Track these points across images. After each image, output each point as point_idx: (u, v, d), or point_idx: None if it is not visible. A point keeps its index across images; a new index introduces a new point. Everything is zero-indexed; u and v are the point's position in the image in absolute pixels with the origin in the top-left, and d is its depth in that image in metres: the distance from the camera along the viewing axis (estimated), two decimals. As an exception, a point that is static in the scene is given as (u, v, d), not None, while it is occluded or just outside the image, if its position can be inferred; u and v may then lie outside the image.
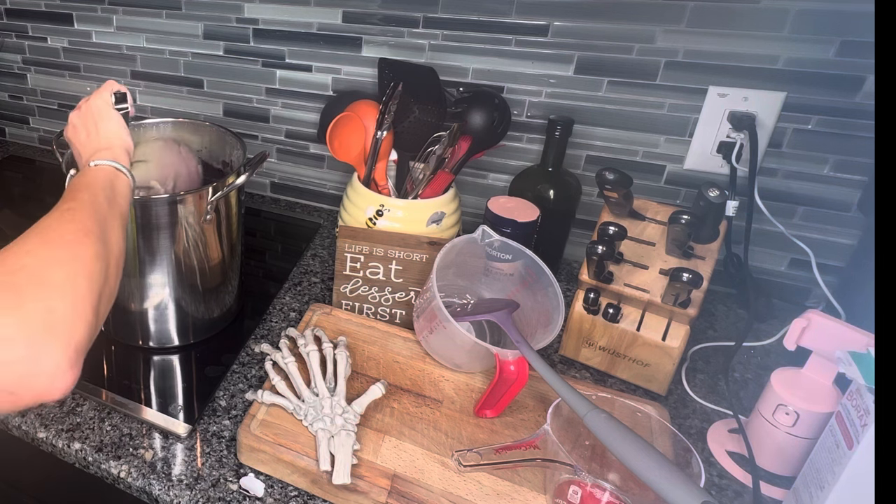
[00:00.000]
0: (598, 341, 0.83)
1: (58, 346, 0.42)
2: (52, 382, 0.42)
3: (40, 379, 0.42)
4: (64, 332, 0.43)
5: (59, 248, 0.48)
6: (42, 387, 0.42)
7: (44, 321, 0.42)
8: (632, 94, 0.96)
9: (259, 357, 0.88)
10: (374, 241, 0.88)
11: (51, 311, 0.43)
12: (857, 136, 0.86)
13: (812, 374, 0.68)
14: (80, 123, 0.73)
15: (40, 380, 0.42)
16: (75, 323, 0.44)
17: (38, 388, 0.42)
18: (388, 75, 0.96)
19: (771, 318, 0.93)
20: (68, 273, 0.46)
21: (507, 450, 0.66)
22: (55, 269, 0.46)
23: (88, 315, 0.45)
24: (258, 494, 0.68)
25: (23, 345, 0.41)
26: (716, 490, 0.70)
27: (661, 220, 0.79)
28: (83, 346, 0.45)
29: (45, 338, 0.42)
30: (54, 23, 1.37)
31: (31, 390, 0.42)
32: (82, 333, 0.44)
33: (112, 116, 0.73)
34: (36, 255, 0.47)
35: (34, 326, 0.42)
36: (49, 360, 0.42)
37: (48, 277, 0.45)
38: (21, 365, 0.41)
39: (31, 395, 0.42)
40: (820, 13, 0.82)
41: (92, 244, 0.50)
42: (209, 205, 0.80)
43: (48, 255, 0.47)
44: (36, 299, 0.43)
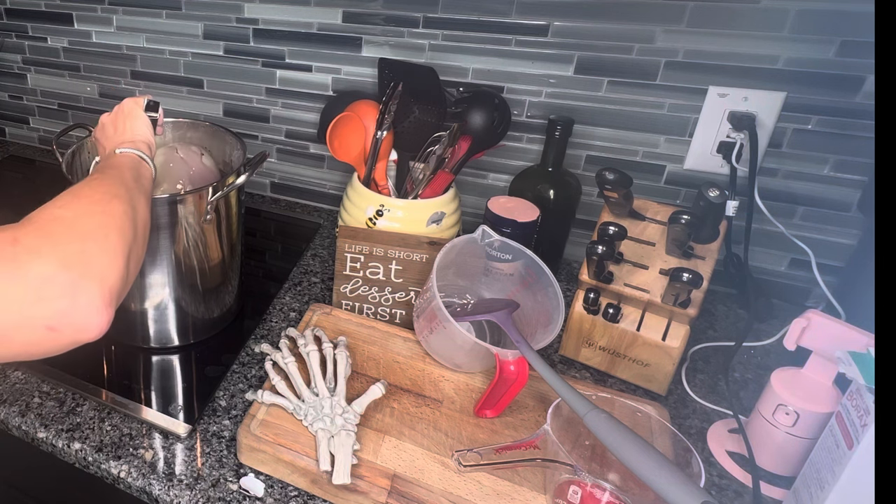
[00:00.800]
0: (598, 341, 0.83)
1: (93, 284, 0.45)
2: (89, 319, 0.45)
3: (78, 315, 0.45)
4: (98, 273, 0.46)
5: (91, 204, 0.52)
6: (80, 323, 0.45)
7: (80, 262, 0.46)
8: (632, 94, 0.96)
9: (259, 357, 0.88)
10: (374, 241, 0.88)
11: (85, 253, 0.46)
12: (857, 136, 0.86)
13: (812, 374, 0.68)
14: (109, 122, 0.78)
15: (78, 316, 0.45)
16: (108, 267, 0.47)
17: (77, 324, 0.45)
18: (388, 75, 0.96)
19: (771, 318, 0.93)
20: (100, 223, 0.50)
21: (507, 450, 0.66)
22: (88, 220, 0.50)
23: (119, 264, 0.49)
24: (258, 494, 0.68)
25: (61, 282, 0.44)
26: (716, 490, 0.70)
27: (661, 220, 0.79)
28: (116, 290, 0.48)
29: (82, 276, 0.45)
30: (54, 23, 1.37)
31: (70, 326, 0.45)
32: (115, 278, 0.48)
33: (140, 116, 0.76)
34: (69, 208, 0.51)
35: (71, 266, 0.45)
36: (85, 298, 0.45)
37: (82, 226, 0.49)
38: (61, 301, 0.44)
39: (71, 332, 0.45)
40: (820, 13, 0.82)
41: (120, 204, 0.54)
42: (209, 205, 0.80)
43: (81, 209, 0.51)
44: (71, 243, 0.46)
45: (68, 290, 0.45)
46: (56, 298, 0.44)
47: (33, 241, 0.46)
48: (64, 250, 0.46)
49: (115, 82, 1.38)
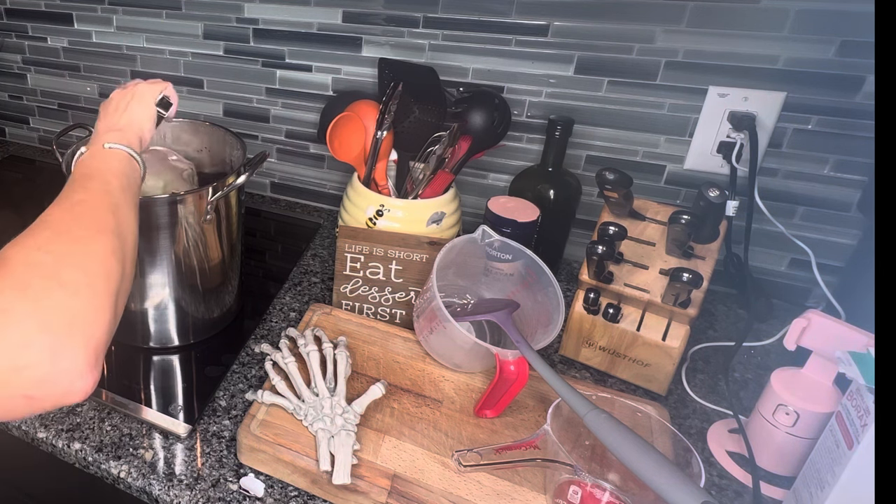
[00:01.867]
0: (598, 341, 0.83)
1: (77, 346, 0.41)
2: (72, 385, 0.41)
3: (60, 382, 0.40)
4: (82, 333, 0.41)
5: (74, 244, 0.46)
6: (62, 390, 0.41)
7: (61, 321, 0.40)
8: (632, 94, 0.96)
9: (259, 357, 0.88)
10: (374, 241, 0.88)
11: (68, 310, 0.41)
12: (857, 136, 0.86)
13: (812, 374, 0.68)
14: (116, 97, 0.72)
15: (60, 383, 0.40)
16: (94, 323, 0.42)
17: (58, 392, 0.41)
18: (388, 75, 0.96)
19: (771, 318, 0.93)
20: (85, 272, 0.44)
21: (507, 450, 0.66)
22: (71, 268, 0.44)
23: (107, 314, 0.43)
24: (258, 494, 0.68)
25: (39, 347, 0.39)
26: (716, 490, 0.70)
27: (661, 220, 0.79)
28: (102, 346, 0.43)
29: (63, 340, 0.40)
30: (54, 23, 1.37)
31: (50, 394, 0.40)
32: (101, 333, 0.43)
33: (147, 105, 0.71)
34: (49, 251, 0.44)
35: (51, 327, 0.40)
36: (68, 362, 0.40)
37: (64, 277, 0.43)
38: (39, 368, 0.39)
39: (52, 399, 0.41)
40: (820, 13, 0.82)
41: (108, 241, 0.48)
42: (209, 205, 0.80)
43: (62, 252, 0.45)
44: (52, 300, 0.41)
45: (48, 356, 0.39)
46: (34, 366, 0.39)
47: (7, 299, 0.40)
48: (43, 308, 0.40)
49: (115, 82, 1.38)
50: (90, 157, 0.60)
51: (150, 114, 0.71)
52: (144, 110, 0.70)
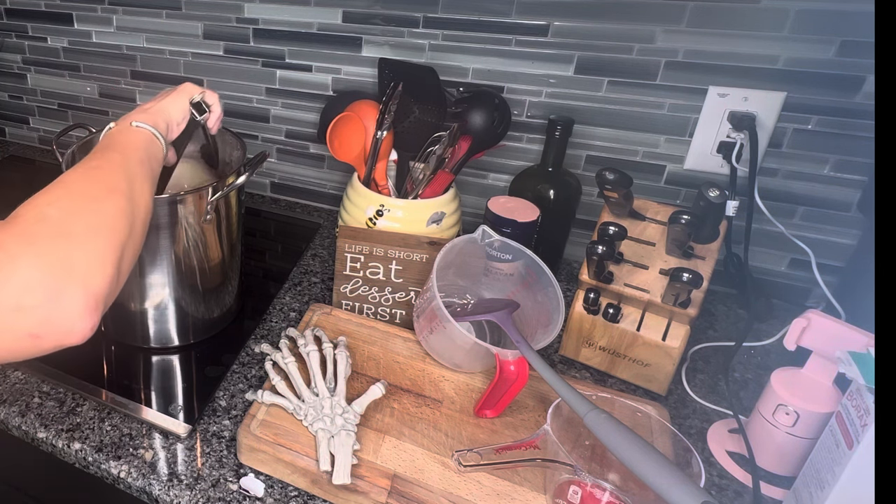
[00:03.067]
0: (598, 341, 0.83)
1: (77, 290, 0.44)
2: (72, 326, 0.44)
3: (61, 321, 0.44)
4: (83, 280, 0.45)
5: (83, 202, 0.49)
6: (63, 330, 0.44)
7: (63, 267, 0.44)
8: (632, 94, 0.96)
9: (259, 357, 0.88)
10: (374, 241, 0.88)
11: (70, 260, 0.45)
12: (857, 136, 0.86)
13: (812, 374, 0.68)
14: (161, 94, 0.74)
15: (61, 322, 0.44)
16: (95, 273, 0.46)
17: (59, 332, 0.44)
18: (388, 75, 0.96)
19: (771, 318, 0.93)
20: (90, 225, 0.48)
21: (507, 450, 0.66)
22: (76, 220, 0.47)
23: (109, 267, 0.47)
24: (258, 494, 0.68)
25: (43, 289, 0.43)
26: (716, 490, 0.70)
27: (661, 220, 0.79)
28: (102, 296, 0.46)
29: (64, 284, 0.44)
30: (54, 23, 1.37)
31: (52, 333, 0.44)
32: (101, 284, 0.46)
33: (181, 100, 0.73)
34: (58, 206, 0.48)
35: (54, 274, 0.44)
36: (68, 304, 0.44)
37: (69, 229, 0.46)
38: (42, 308, 0.43)
39: (53, 338, 0.44)
40: (820, 13, 0.82)
41: (117, 200, 0.51)
42: (209, 205, 0.80)
43: (71, 207, 0.48)
44: (56, 249, 0.45)
45: (50, 297, 0.43)
46: (38, 306, 0.43)
47: (15, 247, 0.44)
48: (47, 255, 0.44)
49: (115, 82, 1.38)
50: (115, 132, 0.63)
51: (183, 108, 0.73)
52: (177, 104, 0.72)
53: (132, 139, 0.62)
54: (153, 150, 0.63)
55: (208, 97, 0.77)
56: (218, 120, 0.81)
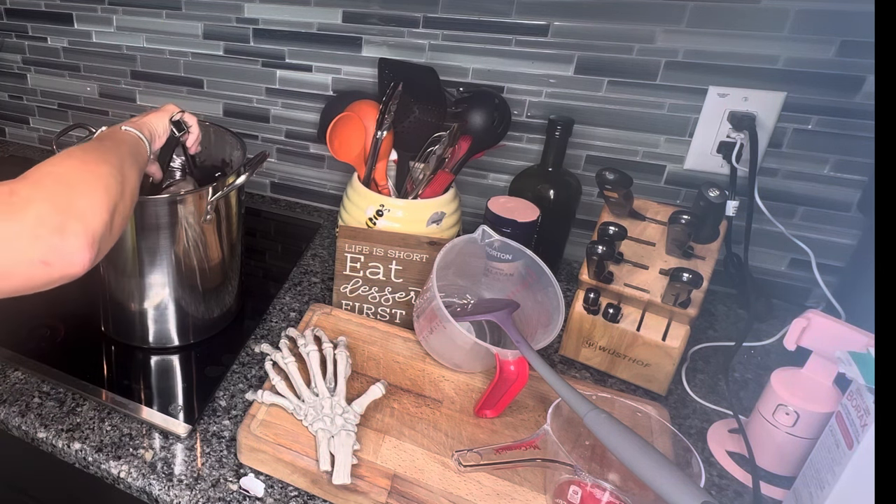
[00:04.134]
0: (598, 341, 0.83)
1: (78, 226, 0.53)
2: (75, 255, 0.53)
3: (67, 251, 0.52)
4: (83, 219, 0.54)
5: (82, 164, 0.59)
6: (68, 258, 0.52)
7: (67, 206, 0.53)
8: (632, 94, 0.96)
9: (259, 357, 0.88)
10: (374, 241, 0.88)
11: (72, 200, 0.54)
12: (857, 136, 0.86)
13: (812, 374, 0.68)
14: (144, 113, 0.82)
15: (67, 252, 0.52)
16: (93, 216, 0.54)
17: (65, 261, 0.52)
18: (388, 75, 0.96)
19: (771, 318, 0.93)
20: (87, 180, 0.57)
21: (507, 450, 0.66)
22: (76, 174, 0.57)
23: (103, 213, 0.56)
24: (258, 494, 0.68)
25: (52, 223, 0.52)
26: (716, 490, 0.70)
27: (661, 220, 0.79)
28: (98, 236, 0.55)
29: (69, 221, 0.52)
30: (54, 23, 1.37)
31: (59, 262, 0.52)
32: (98, 224, 0.55)
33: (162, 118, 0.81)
34: (61, 165, 0.58)
35: (60, 209, 0.53)
36: (72, 239, 0.52)
37: (70, 179, 0.56)
38: (52, 238, 0.52)
39: (61, 266, 0.53)
40: (820, 13, 0.82)
41: (110, 169, 0.60)
42: (209, 205, 0.80)
43: (72, 167, 0.58)
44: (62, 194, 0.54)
45: (58, 229, 0.52)
46: (48, 236, 0.52)
47: (28, 191, 0.53)
48: (54, 197, 0.53)
49: (115, 82, 1.38)
50: (107, 131, 0.73)
51: (164, 124, 0.80)
52: (159, 120, 0.80)
53: (122, 137, 0.71)
54: (139, 149, 0.71)
55: (187, 117, 0.84)
56: (196, 141, 0.87)
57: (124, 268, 0.83)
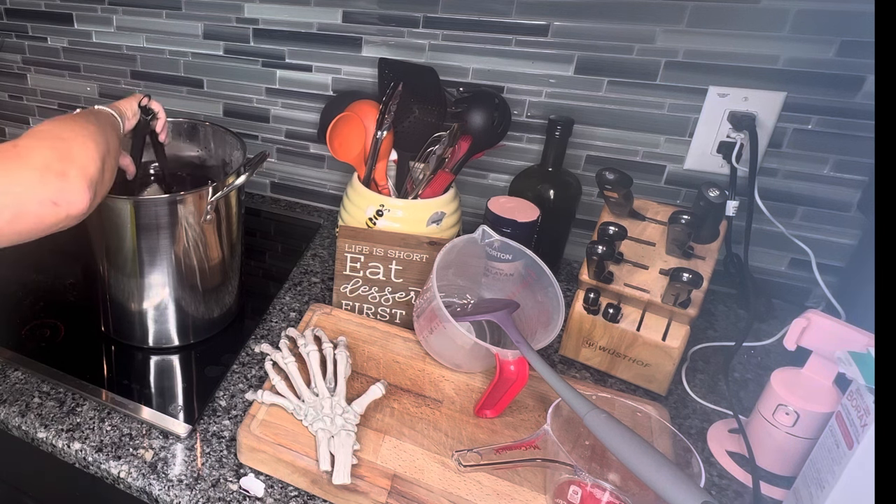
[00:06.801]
0: (598, 341, 0.83)
1: (78, 170, 0.59)
2: (78, 196, 0.59)
3: (70, 194, 0.58)
4: (80, 165, 0.60)
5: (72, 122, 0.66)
6: (72, 198, 0.58)
7: (66, 153, 0.60)
8: (632, 94, 0.96)
9: (259, 357, 0.88)
10: (374, 241, 0.88)
11: (70, 149, 0.60)
12: (857, 136, 0.86)
13: (812, 374, 0.68)
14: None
15: (70, 194, 0.58)
16: (87, 160, 0.61)
17: (69, 201, 0.58)
18: (388, 75, 0.96)
19: (771, 318, 0.93)
20: (79, 133, 0.63)
21: (507, 450, 0.66)
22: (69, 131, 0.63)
23: (98, 161, 0.62)
24: (258, 494, 0.68)
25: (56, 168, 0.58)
26: (716, 490, 0.70)
27: (661, 220, 0.79)
28: (94, 179, 0.61)
29: (69, 167, 0.59)
30: (54, 23, 1.37)
31: (65, 202, 0.58)
32: (93, 169, 0.61)
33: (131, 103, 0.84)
34: (51, 125, 0.64)
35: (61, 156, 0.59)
36: (74, 182, 0.59)
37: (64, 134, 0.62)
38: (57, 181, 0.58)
39: (65, 207, 0.58)
40: (820, 13, 0.82)
41: (95, 127, 0.66)
42: (209, 205, 0.80)
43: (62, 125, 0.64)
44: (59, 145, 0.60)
45: (61, 173, 0.58)
46: (54, 179, 0.58)
47: (29, 143, 0.60)
48: (53, 146, 0.60)
49: (115, 82, 1.38)
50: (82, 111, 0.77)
51: (133, 108, 0.85)
52: (128, 104, 0.84)
53: (97, 111, 0.77)
54: (114, 123, 0.76)
55: (153, 104, 0.88)
56: (164, 129, 0.91)
57: (124, 268, 0.83)
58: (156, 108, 0.88)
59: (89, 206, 0.60)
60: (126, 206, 0.77)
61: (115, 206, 0.77)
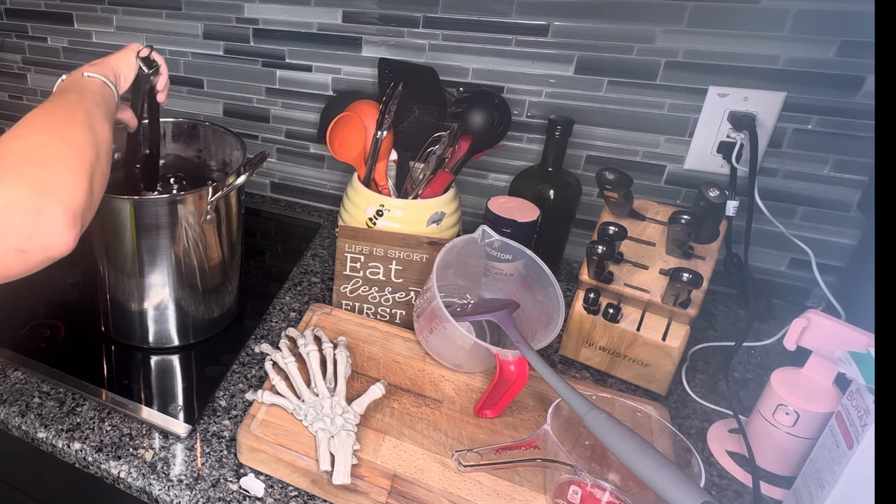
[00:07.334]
0: (598, 341, 0.83)
1: (56, 205, 0.48)
2: (56, 237, 0.48)
3: (45, 235, 0.48)
4: (59, 196, 0.49)
5: (49, 133, 0.53)
6: (47, 241, 0.48)
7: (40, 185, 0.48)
8: (632, 94, 0.96)
9: (259, 357, 0.88)
10: (374, 241, 0.88)
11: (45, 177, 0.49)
12: (857, 136, 0.86)
13: (812, 374, 0.68)
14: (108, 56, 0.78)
15: (45, 236, 0.48)
16: (70, 190, 0.50)
17: (45, 243, 0.48)
18: (388, 75, 0.96)
19: (771, 318, 0.93)
20: (59, 151, 0.52)
21: (507, 450, 0.66)
22: (46, 149, 0.51)
23: (82, 186, 0.51)
24: (258, 494, 0.68)
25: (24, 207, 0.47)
26: (716, 490, 0.70)
27: (661, 220, 0.79)
28: (79, 211, 0.50)
29: (43, 201, 0.48)
30: (54, 23, 1.37)
31: (37, 247, 0.48)
32: (78, 199, 0.50)
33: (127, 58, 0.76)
34: (27, 139, 0.52)
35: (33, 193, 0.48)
36: (50, 220, 0.48)
37: (39, 156, 0.51)
38: (26, 224, 0.47)
39: (40, 251, 0.48)
40: (820, 13, 0.82)
41: (80, 131, 0.55)
42: (209, 205, 0.80)
43: (38, 139, 0.52)
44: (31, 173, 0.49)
45: (32, 213, 0.47)
46: (22, 222, 0.47)
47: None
48: (24, 176, 0.48)
49: (115, 82, 1.38)
50: (69, 81, 0.67)
51: (130, 62, 0.75)
52: (125, 59, 0.75)
53: (86, 85, 0.65)
54: (106, 95, 0.66)
55: (155, 55, 0.79)
56: (166, 85, 0.82)
57: (124, 268, 0.83)
58: (158, 61, 0.79)
59: (74, 243, 0.50)
60: (126, 206, 0.77)
61: (115, 206, 0.77)
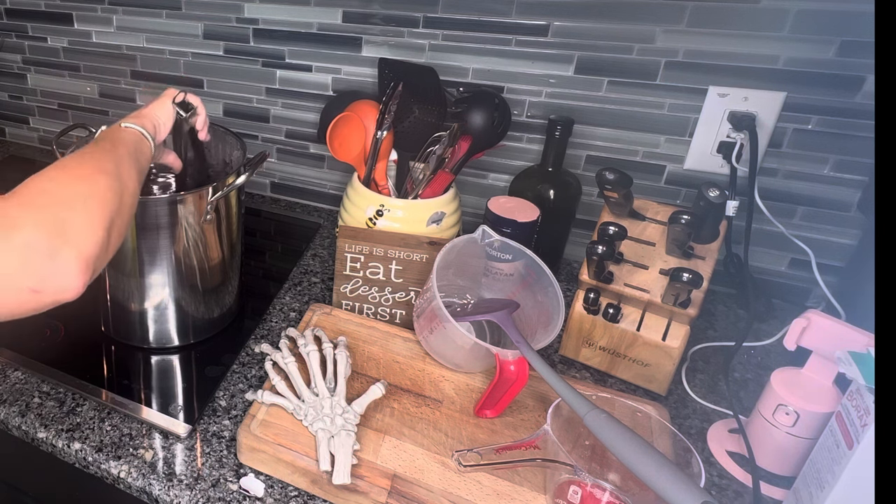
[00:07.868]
0: (598, 341, 0.83)
1: (70, 251, 0.50)
2: (67, 282, 0.50)
3: (57, 280, 0.49)
4: (76, 243, 0.51)
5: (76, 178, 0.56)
6: (59, 285, 0.50)
7: (58, 229, 0.50)
8: (632, 94, 0.96)
9: (259, 357, 0.88)
10: (374, 241, 0.88)
11: (64, 222, 0.51)
12: (857, 136, 0.86)
13: (812, 374, 0.68)
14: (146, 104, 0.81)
15: (58, 279, 0.50)
16: (86, 236, 0.52)
17: (56, 288, 0.50)
18: (388, 75, 0.96)
19: (771, 318, 0.93)
20: (81, 194, 0.54)
21: (507, 450, 0.66)
22: (70, 190, 0.54)
23: (99, 233, 0.53)
24: (258, 494, 0.68)
25: (41, 249, 0.49)
26: (716, 490, 0.70)
27: (661, 220, 0.79)
28: (93, 257, 0.52)
29: (60, 246, 0.50)
30: (54, 23, 1.37)
31: (50, 289, 0.50)
32: (92, 246, 0.52)
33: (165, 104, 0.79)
34: (54, 182, 0.55)
35: (51, 237, 0.50)
36: (63, 262, 0.49)
37: (63, 196, 0.53)
38: (42, 266, 0.49)
39: (51, 294, 0.50)
40: (820, 13, 0.82)
41: (106, 179, 0.57)
42: (209, 205, 0.80)
43: (65, 182, 0.55)
44: (53, 216, 0.51)
45: (49, 257, 0.49)
46: (38, 264, 0.49)
47: (16, 213, 0.50)
48: (45, 219, 0.50)
49: (115, 82, 1.38)
50: (107, 132, 0.70)
51: (167, 109, 0.79)
52: (162, 107, 0.79)
53: (121, 136, 0.68)
54: (141, 147, 0.69)
55: (191, 97, 0.82)
56: (205, 124, 0.86)
57: (124, 268, 0.83)
58: (194, 103, 0.83)
59: (83, 289, 0.51)
60: (126, 206, 0.77)
61: (115, 206, 0.77)
